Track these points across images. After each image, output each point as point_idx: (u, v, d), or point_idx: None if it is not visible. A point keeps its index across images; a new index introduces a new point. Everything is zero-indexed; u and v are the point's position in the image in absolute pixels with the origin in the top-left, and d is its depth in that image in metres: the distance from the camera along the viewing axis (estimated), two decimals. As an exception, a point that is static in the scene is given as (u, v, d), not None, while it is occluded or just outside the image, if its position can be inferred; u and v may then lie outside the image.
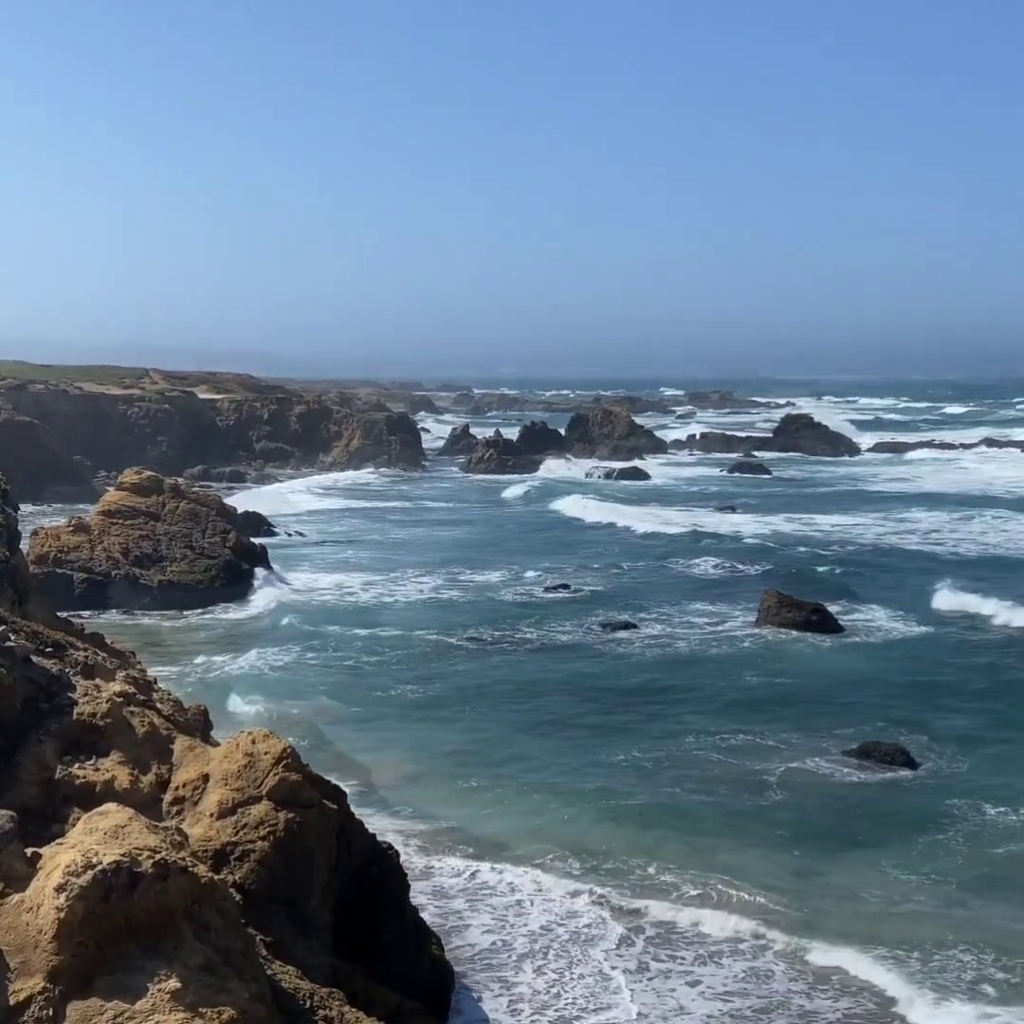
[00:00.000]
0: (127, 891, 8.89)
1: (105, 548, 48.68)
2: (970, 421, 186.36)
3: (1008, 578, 51.98)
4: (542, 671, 37.29)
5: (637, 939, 19.95)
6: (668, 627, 43.26)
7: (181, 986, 8.73)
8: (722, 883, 21.79)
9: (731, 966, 19.13)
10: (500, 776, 27.55)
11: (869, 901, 21.33)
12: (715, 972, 18.94)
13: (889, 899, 21.40)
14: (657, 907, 21.02)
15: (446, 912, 20.73)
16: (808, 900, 21.29)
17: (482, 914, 20.80)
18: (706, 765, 28.23)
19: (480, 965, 19.00)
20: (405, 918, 17.15)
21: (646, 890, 21.71)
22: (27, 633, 15.23)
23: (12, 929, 8.92)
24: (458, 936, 19.84)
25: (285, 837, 13.88)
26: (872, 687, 35.17)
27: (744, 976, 18.82)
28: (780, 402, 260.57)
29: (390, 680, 35.86)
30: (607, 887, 21.78)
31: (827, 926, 20.32)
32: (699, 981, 18.67)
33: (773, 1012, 17.79)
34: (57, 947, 8.69)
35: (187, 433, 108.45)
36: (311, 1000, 11.91)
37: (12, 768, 12.44)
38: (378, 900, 16.57)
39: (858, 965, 19.00)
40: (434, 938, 17.91)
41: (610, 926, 20.32)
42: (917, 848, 23.52)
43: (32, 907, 8.92)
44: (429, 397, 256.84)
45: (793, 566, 56.50)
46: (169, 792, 13.87)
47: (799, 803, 25.96)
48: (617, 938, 19.93)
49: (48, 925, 8.74)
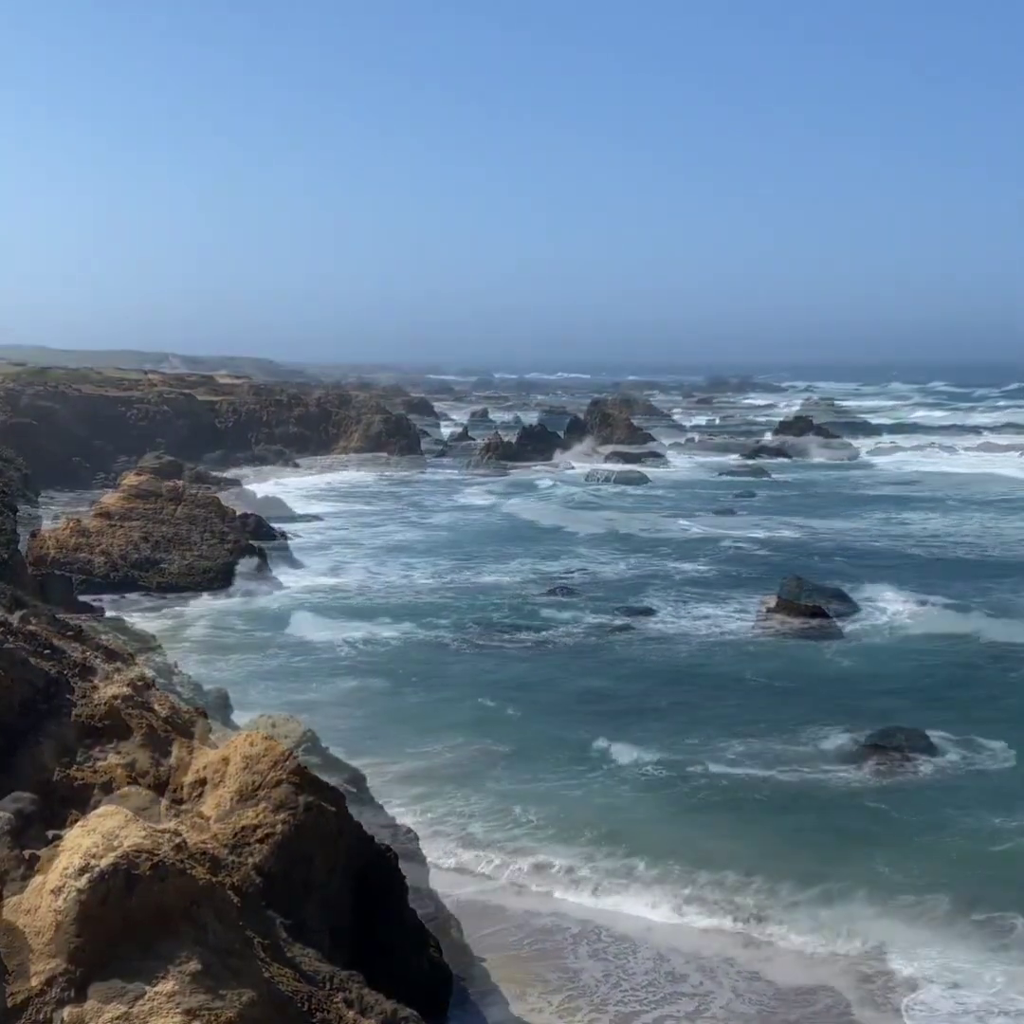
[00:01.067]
0: (125, 893, 8.88)
1: (104, 549, 48.69)
2: (971, 424, 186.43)
3: (1009, 579, 52.04)
4: (542, 671, 37.29)
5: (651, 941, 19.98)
6: (669, 629, 43.26)
7: (179, 988, 8.72)
8: (726, 881, 21.86)
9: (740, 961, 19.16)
10: (496, 780, 27.56)
11: (875, 899, 21.35)
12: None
13: (896, 897, 21.42)
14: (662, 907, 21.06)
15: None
16: (814, 898, 21.30)
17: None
18: (709, 764, 28.25)
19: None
20: (403, 920, 17.13)
21: (652, 884, 21.82)
22: (25, 635, 15.22)
23: (10, 931, 8.91)
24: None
25: (284, 839, 13.88)
26: (873, 687, 35.19)
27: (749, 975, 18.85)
28: (780, 404, 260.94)
29: (390, 681, 35.85)
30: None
31: (835, 922, 20.36)
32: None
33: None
34: (55, 949, 8.68)
35: (186, 434, 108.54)
36: (309, 1002, 11.90)
37: (10, 770, 12.43)
38: (376, 902, 16.56)
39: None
40: (432, 940, 17.87)
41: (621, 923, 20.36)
42: (922, 847, 23.53)
43: (30, 909, 8.92)
44: (448, 382, 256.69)
45: (793, 567, 56.47)
46: (167, 794, 13.86)
47: (802, 802, 25.97)
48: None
49: (46, 927, 8.74)
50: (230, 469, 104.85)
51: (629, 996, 18.38)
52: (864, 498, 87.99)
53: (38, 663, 14.01)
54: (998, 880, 22.15)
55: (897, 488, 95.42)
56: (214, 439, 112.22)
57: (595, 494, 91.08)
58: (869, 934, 20.08)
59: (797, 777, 27.55)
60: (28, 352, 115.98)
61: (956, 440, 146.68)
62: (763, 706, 33.30)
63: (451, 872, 22.50)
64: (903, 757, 28.35)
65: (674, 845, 23.60)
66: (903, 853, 23.33)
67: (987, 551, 62.04)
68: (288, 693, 34.01)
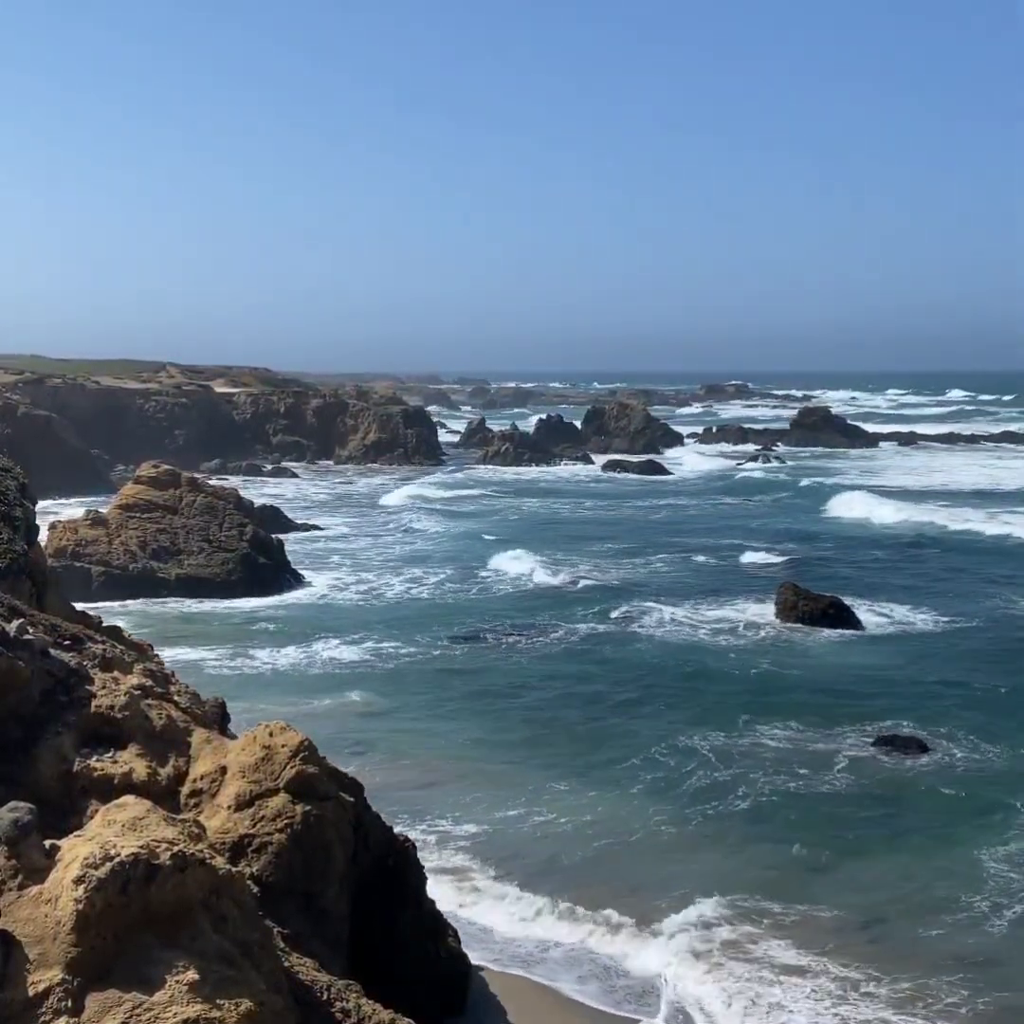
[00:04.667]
0: (145, 883, 8.89)
1: (123, 541, 48.86)
2: (991, 415, 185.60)
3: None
4: (555, 665, 37.25)
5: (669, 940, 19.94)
6: (684, 619, 43.17)
7: (199, 978, 8.73)
8: (736, 878, 21.79)
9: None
10: (507, 775, 27.45)
11: (885, 892, 21.28)
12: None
13: (904, 890, 21.35)
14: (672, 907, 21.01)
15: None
16: (824, 892, 21.25)
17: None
18: (723, 758, 28.17)
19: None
20: (422, 910, 17.16)
21: (658, 884, 21.71)
22: (45, 626, 15.27)
23: (31, 921, 8.94)
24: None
25: (302, 829, 13.89)
26: (890, 681, 34.99)
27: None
28: (797, 394, 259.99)
29: (392, 685, 35.16)
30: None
31: (847, 916, 20.30)
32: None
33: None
34: (75, 939, 8.70)
35: (204, 427, 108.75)
36: (328, 992, 11.91)
37: (30, 761, 12.47)
38: (395, 892, 16.59)
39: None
40: (451, 930, 17.90)
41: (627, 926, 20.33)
42: (935, 839, 23.45)
43: (51, 899, 8.94)
44: (445, 391, 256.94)
45: (809, 559, 56.31)
46: (187, 784, 13.89)
47: (816, 794, 25.89)
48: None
49: (67, 917, 8.76)
50: (247, 461, 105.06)
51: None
52: (882, 488, 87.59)
53: (58, 654, 14.05)
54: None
55: (916, 478, 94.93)
56: (232, 432, 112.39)
57: (612, 483, 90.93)
58: (880, 931, 19.96)
59: (811, 769, 27.45)
60: (25, 361, 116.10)
61: (978, 428, 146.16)
62: (781, 699, 33.19)
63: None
64: (904, 757, 28.14)
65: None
66: (922, 844, 23.25)
67: (1010, 543, 61.71)
68: (299, 691, 33.82)
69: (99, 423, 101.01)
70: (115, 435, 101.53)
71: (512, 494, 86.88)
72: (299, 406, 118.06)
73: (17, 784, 11.92)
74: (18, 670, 12.85)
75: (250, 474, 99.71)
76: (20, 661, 12.92)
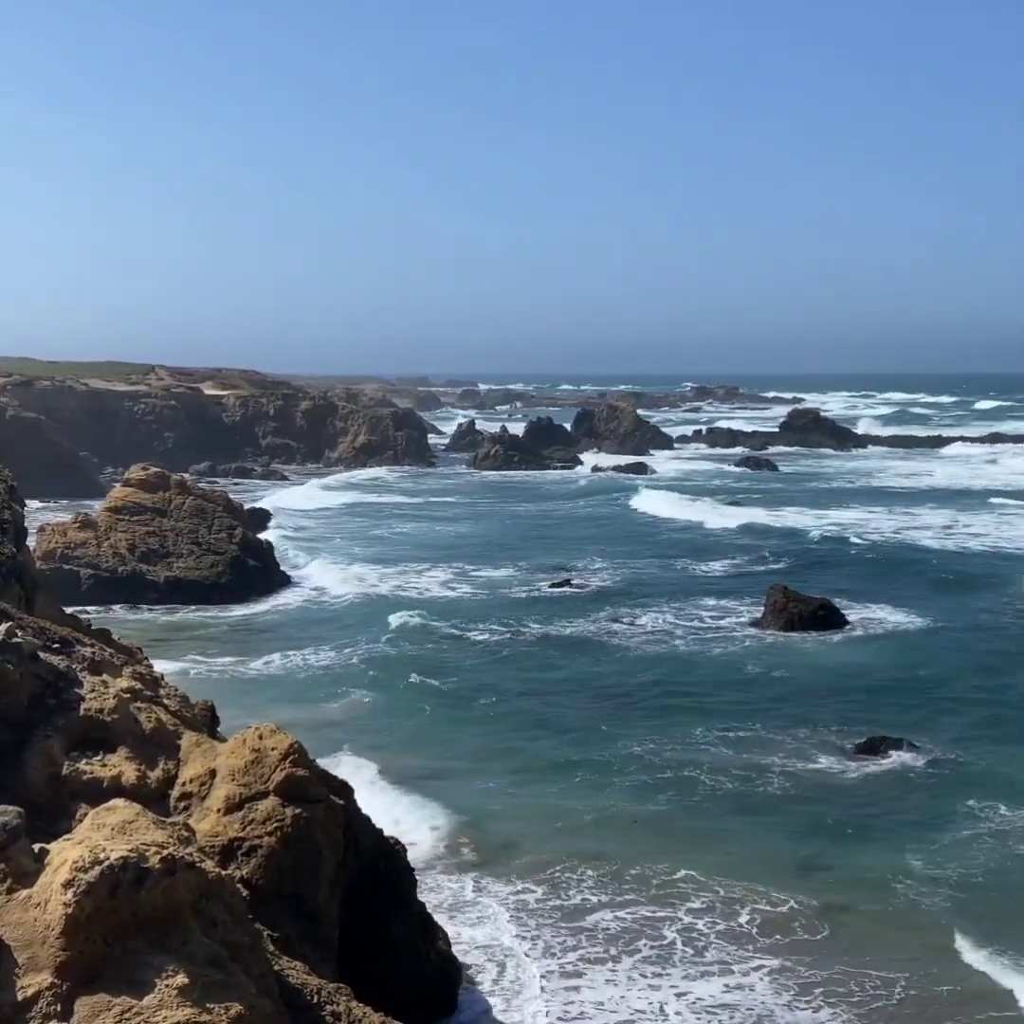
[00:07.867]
0: (134, 886, 8.88)
1: (112, 544, 48.72)
2: (978, 416, 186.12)
3: (1012, 575, 51.87)
4: (549, 667, 37.26)
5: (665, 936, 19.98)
6: (673, 622, 43.18)
7: (188, 981, 8.72)
8: (728, 879, 21.83)
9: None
10: (507, 774, 27.58)
11: (876, 896, 21.34)
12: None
13: (897, 894, 21.41)
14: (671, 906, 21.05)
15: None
16: (814, 894, 21.30)
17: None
18: (711, 760, 28.19)
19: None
20: (412, 913, 17.17)
21: (662, 887, 21.77)
22: (34, 629, 15.23)
23: (20, 925, 8.93)
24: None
25: (292, 832, 13.88)
26: (879, 682, 35.03)
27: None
28: (787, 397, 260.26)
29: (390, 688, 35.33)
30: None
31: (838, 918, 20.37)
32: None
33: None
34: (65, 943, 8.69)
35: (193, 429, 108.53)
36: (319, 995, 11.90)
37: (19, 764, 12.45)
38: (385, 895, 16.59)
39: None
40: (441, 933, 17.90)
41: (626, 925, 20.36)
42: (925, 842, 23.50)
43: (40, 903, 8.93)
44: (434, 393, 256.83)
45: (799, 561, 56.37)
46: (176, 788, 13.87)
47: (805, 797, 25.92)
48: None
49: (56, 921, 8.74)
50: (237, 464, 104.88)
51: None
52: (871, 491, 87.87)
53: (47, 657, 14.02)
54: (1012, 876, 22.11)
55: (904, 480, 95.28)
56: (221, 435, 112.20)
57: (607, 484, 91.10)
58: (878, 929, 20.04)
59: (801, 771, 27.49)
60: (14, 363, 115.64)
61: (965, 430, 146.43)
62: (769, 701, 33.22)
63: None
64: (890, 758, 28.20)
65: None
66: (910, 848, 23.30)
67: (997, 545, 61.91)
68: (292, 694, 33.78)
69: (88, 425, 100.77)
70: (104, 437, 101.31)
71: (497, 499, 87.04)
72: (288, 408, 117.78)
73: (6, 788, 11.90)
74: (7, 674, 12.83)
75: (240, 476, 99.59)
76: (9, 665, 12.90)
